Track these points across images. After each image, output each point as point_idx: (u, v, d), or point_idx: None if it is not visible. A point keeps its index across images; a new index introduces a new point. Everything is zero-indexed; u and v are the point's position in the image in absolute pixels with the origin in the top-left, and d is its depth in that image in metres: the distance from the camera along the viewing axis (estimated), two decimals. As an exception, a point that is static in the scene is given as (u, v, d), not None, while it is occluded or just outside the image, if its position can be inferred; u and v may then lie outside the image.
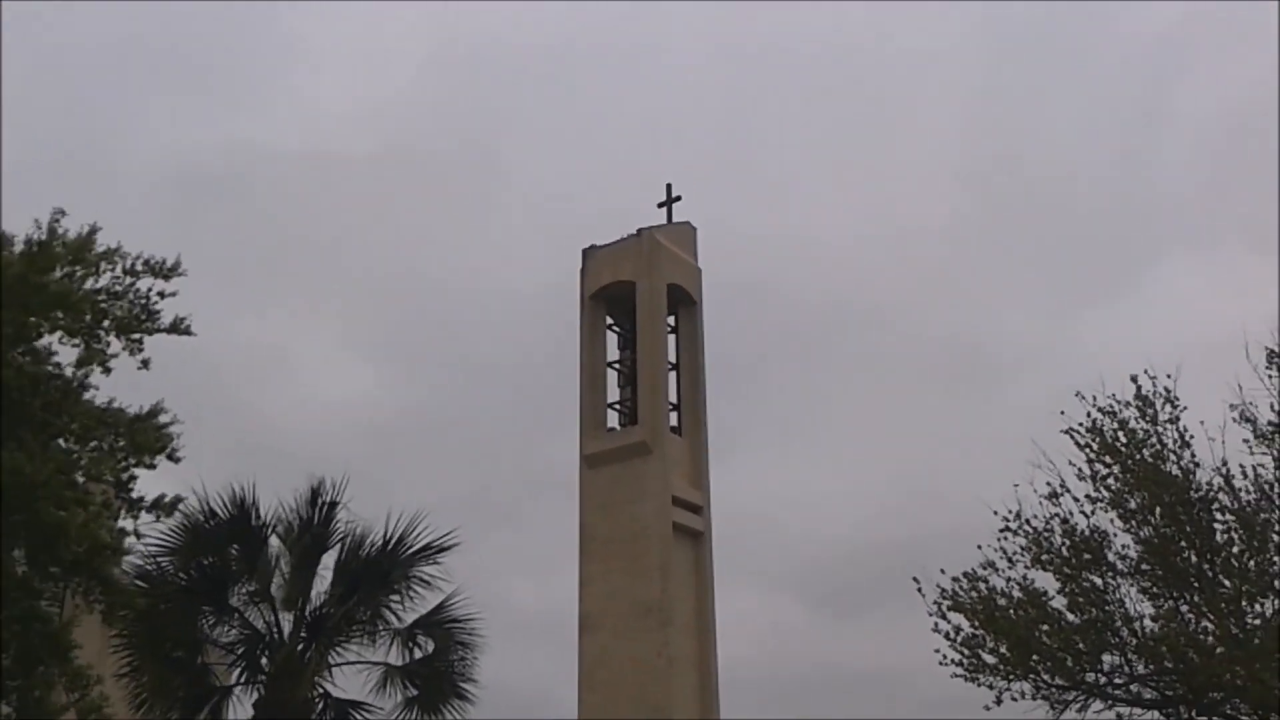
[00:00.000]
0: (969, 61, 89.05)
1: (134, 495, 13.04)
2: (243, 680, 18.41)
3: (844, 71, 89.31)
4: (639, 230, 47.68)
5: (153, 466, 13.02)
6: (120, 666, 17.12)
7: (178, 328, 14.04)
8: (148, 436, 12.72)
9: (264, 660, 18.27)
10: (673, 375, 49.40)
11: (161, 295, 13.74)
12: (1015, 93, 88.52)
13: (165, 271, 13.65)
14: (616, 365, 50.50)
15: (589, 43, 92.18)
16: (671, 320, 49.66)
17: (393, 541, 18.57)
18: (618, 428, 49.31)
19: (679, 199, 50.50)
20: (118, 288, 13.43)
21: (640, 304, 48.04)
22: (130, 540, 13.50)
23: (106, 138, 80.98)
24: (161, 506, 13.14)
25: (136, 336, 13.55)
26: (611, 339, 50.59)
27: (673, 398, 48.99)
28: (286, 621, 18.40)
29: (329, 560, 18.75)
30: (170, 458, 12.99)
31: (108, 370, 13.38)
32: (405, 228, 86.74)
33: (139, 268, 13.52)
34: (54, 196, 13.96)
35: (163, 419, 13.20)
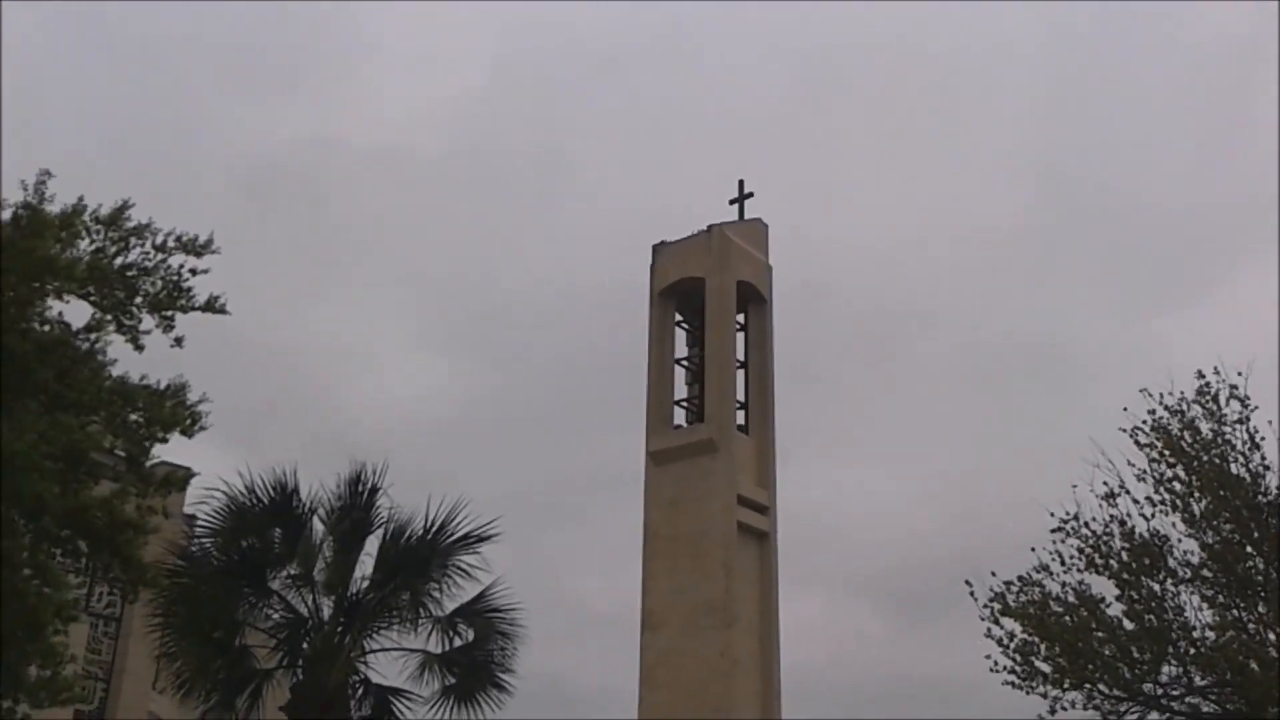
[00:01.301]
0: (1040, 62, 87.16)
1: (147, 469, 12.99)
2: (283, 664, 18.38)
3: (914, 71, 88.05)
4: (709, 227, 47.21)
5: (165, 441, 12.99)
6: (157, 648, 17.21)
7: (213, 306, 14.00)
8: (163, 411, 12.67)
9: (304, 644, 18.21)
10: (741, 373, 48.89)
11: (194, 272, 13.70)
12: (1087, 95, 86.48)
13: (197, 249, 13.61)
14: (684, 362, 50.08)
15: (658, 42, 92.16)
16: (740, 318, 49.10)
17: (434, 529, 18.42)
18: (684, 425, 48.95)
19: (750, 196, 49.84)
20: (148, 263, 13.43)
21: (709, 301, 47.58)
22: (158, 519, 13.44)
23: (184, 133, 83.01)
24: (173, 482, 13.09)
25: (169, 314, 13.52)
26: (680, 336, 50.19)
27: (740, 396, 48.49)
28: (327, 606, 18.35)
29: (371, 547, 18.65)
30: (185, 432, 12.92)
31: (140, 347, 13.38)
32: (475, 225, 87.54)
33: (170, 244, 13.50)
34: (132, 189, 14.02)
35: (190, 396, 13.15)
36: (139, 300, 13.40)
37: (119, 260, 13.34)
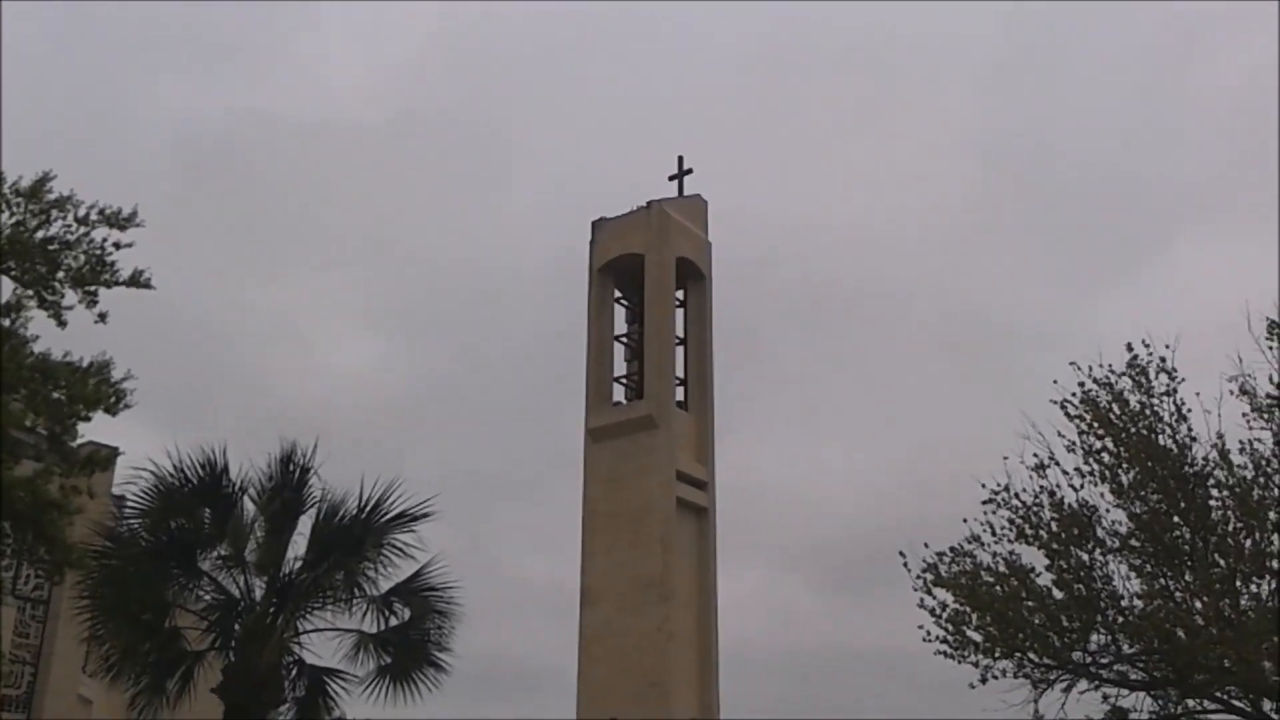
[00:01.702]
0: (983, 41, 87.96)
1: (70, 448, 12.68)
2: (215, 645, 18.09)
3: (858, 49, 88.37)
4: (649, 203, 47.12)
5: (88, 419, 12.68)
6: (86, 631, 16.86)
7: (137, 281, 13.64)
8: (86, 389, 12.36)
9: (236, 626, 17.93)
10: (680, 350, 48.98)
11: (118, 246, 13.35)
12: (1030, 72, 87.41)
13: (121, 222, 13.25)
14: (624, 339, 50.07)
15: (601, 16, 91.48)
16: (680, 295, 49.17)
17: (368, 508, 18.18)
18: (624, 402, 48.96)
19: (690, 172, 49.79)
20: (70, 237, 13.07)
21: (649, 277, 47.55)
22: (82, 499, 13.12)
23: (114, 105, 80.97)
24: (97, 461, 12.79)
25: (92, 289, 13.17)
26: (620, 313, 50.15)
27: (680, 373, 48.59)
28: (259, 586, 18.06)
29: (304, 527, 18.37)
30: (109, 410, 12.62)
31: (63, 323, 13.03)
32: (412, 199, 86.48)
33: (93, 217, 13.13)
34: (57, 162, 13.59)
35: (114, 373, 12.83)
36: (61, 275, 13.03)
37: (40, 234, 12.96)
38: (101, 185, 14.09)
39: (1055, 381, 17.13)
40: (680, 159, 50.01)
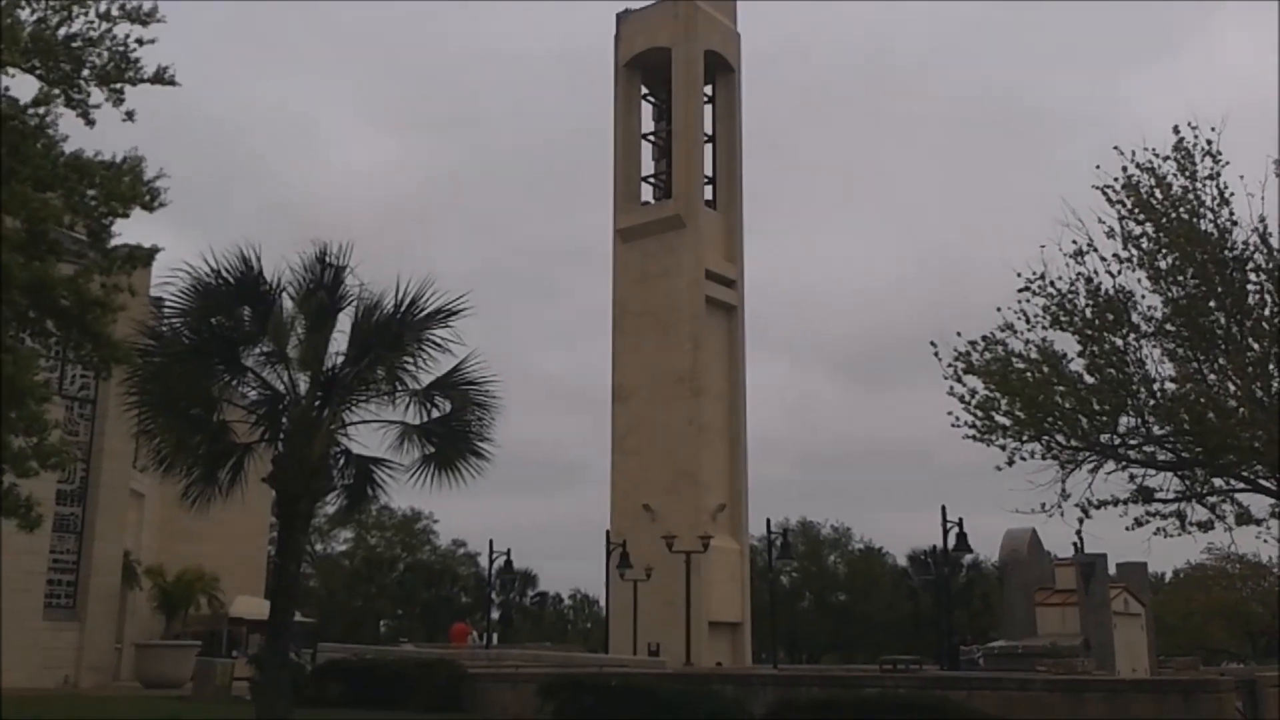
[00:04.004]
0: None
1: (108, 247, 12.73)
2: (264, 438, 18.56)
3: None
4: (675, -9, 45.53)
5: (126, 215, 12.67)
6: (135, 425, 17.30)
7: (162, 78, 13.39)
8: (119, 185, 12.31)
9: (283, 419, 18.35)
10: (709, 148, 48.25)
11: (140, 42, 13.05)
12: None
13: (142, 18, 12.92)
14: (651, 137, 49.35)
15: None
16: (708, 90, 48.13)
17: (405, 305, 18.32)
18: (652, 201, 48.65)
19: (717, -44, 47.91)
20: (93, 34, 12.78)
21: (676, 72, 46.53)
22: (124, 297, 13.26)
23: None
24: (138, 258, 12.85)
25: (118, 86, 12.95)
26: (646, 110, 49.31)
27: (708, 171, 48.03)
28: (303, 381, 18.38)
29: (343, 325, 18.58)
30: (145, 207, 12.60)
31: (91, 121, 12.87)
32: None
33: (115, 13, 12.80)
34: None
35: (146, 171, 12.75)
36: (86, 73, 12.80)
37: (62, 31, 12.67)
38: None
39: (1098, 167, 16.83)
40: (707, -57, 47.88)
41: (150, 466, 19.22)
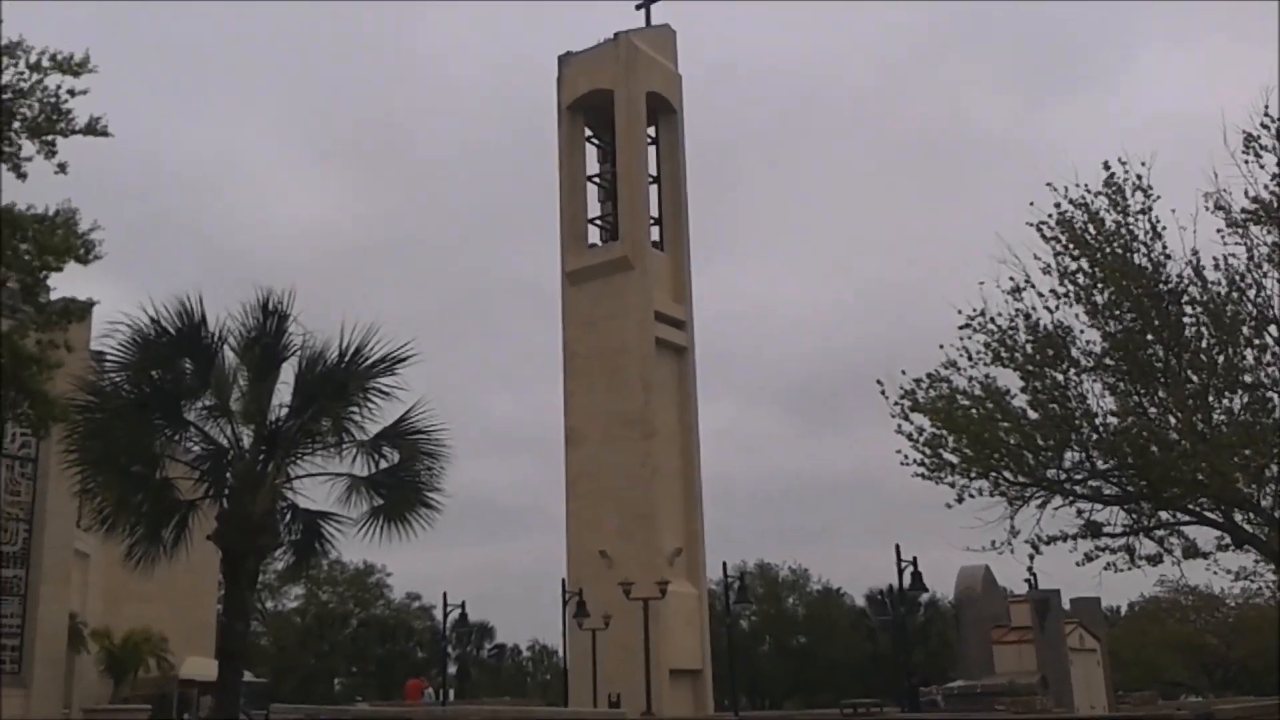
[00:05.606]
0: None
1: (42, 301, 12.53)
2: (207, 494, 18.25)
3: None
4: (616, 34, 45.93)
5: (59, 269, 12.51)
6: (76, 484, 16.97)
7: (94, 129, 13.27)
8: (52, 238, 12.16)
9: (226, 474, 18.06)
10: (654, 188, 48.49)
11: (72, 93, 12.94)
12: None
13: (74, 68, 12.81)
14: (596, 179, 49.49)
15: None
16: (651, 131, 48.43)
17: (349, 354, 18.14)
18: (599, 244, 48.73)
19: (656, -1, 48.27)
20: (23, 85, 12.65)
21: (619, 113, 46.79)
22: (61, 353, 13.04)
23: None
24: (73, 312, 12.66)
25: (50, 138, 12.81)
26: (591, 152, 49.46)
27: (654, 211, 48.24)
28: (246, 435, 18.13)
29: (286, 375, 18.36)
30: (80, 260, 12.44)
31: (23, 175, 12.72)
32: (364, 28, 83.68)
33: (45, 63, 12.69)
34: None
35: (80, 224, 12.58)
36: (17, 125, 12.66)
37: (-10, 82, 12.56)
38: (33, 20, 13.43)
39: (1032, 204, 17.10)
40: (646, -14, 48.25)
41: (94, 526, 18.87)
